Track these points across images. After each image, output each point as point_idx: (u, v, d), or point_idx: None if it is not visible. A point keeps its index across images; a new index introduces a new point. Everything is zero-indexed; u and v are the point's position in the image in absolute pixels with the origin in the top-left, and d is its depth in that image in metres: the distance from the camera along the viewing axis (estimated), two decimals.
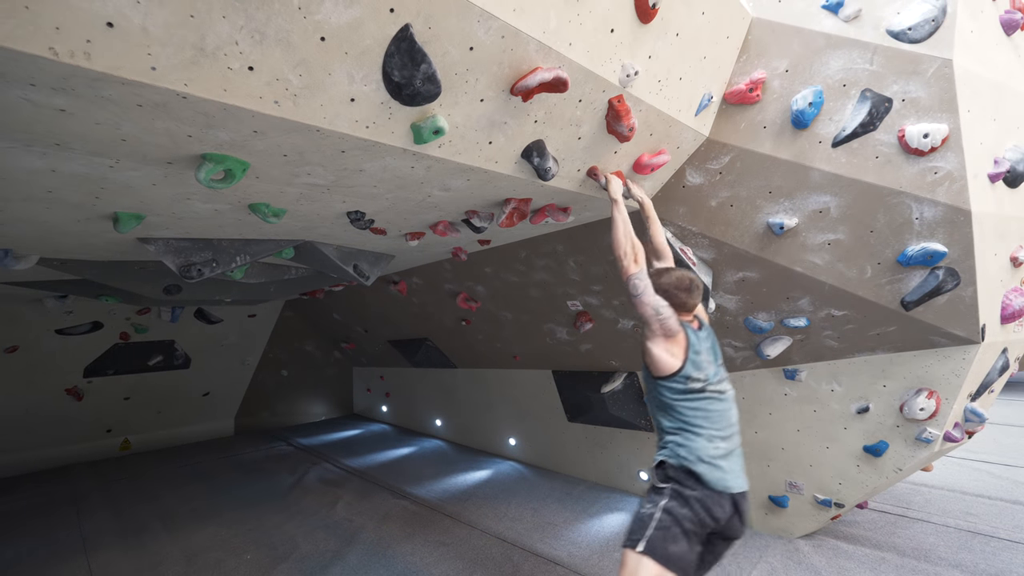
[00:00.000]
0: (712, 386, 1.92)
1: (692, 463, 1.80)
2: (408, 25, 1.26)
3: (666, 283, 2.03)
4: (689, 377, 1.88)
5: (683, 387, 1.88)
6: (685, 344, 1.92)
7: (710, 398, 1.89)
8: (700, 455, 1.80)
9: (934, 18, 2.20)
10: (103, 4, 0.94)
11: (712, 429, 1.85)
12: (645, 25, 1.79)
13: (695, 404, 1.87)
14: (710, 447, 1.82)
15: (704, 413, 1.86)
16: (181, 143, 1.40)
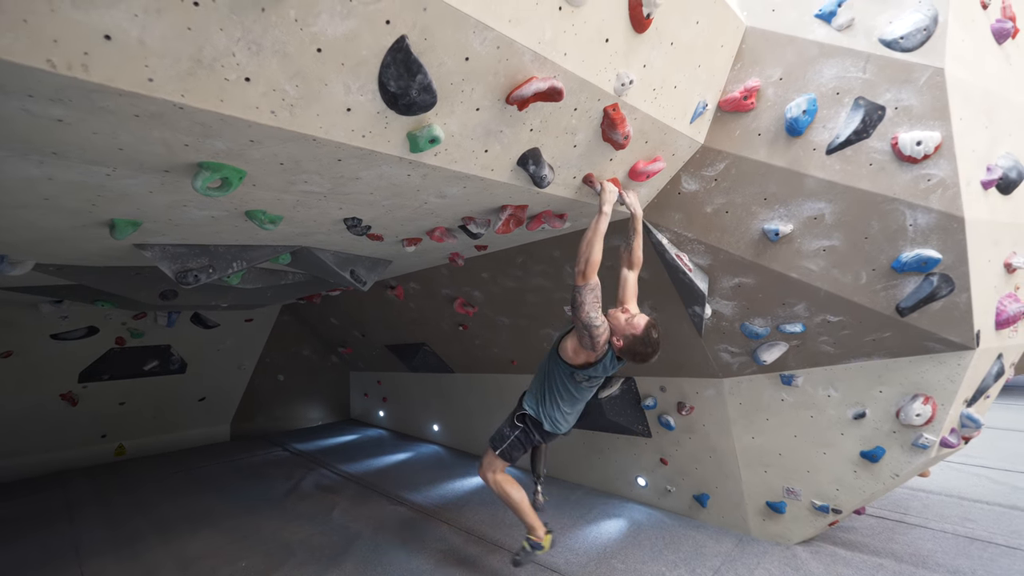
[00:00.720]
0: (584, 384, 2.57)
1: (544, 421, 2.68)
2: (404, 36, 1.27)
3: (637, 348, 2.34)
4: (576, 373, 2.51)
5: (568, 375, 2.54)
6: (593, 362, 2.44)
7: (580, 390, 2.60)
8: (552, 418, 2.67)
9: (926, 27, 2.22)
10: (101, 17, 0.94)
11: (566, 407, 2.66)
12: (640, 35, 1.81)
13: (569, 388, 2.58)
14: (559, 416, 2.68)
15: (569, 396, 2.62)
16: (178, 152, 1.41)
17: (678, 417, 3.82)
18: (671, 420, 3.85)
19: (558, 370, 2.56)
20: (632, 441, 4.25)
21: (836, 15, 2.31)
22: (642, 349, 2.32)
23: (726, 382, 3.46)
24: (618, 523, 3.91)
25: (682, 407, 3.75)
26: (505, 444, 2.78)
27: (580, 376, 2.51)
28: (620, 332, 2.35)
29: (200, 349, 6.65)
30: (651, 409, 3.96)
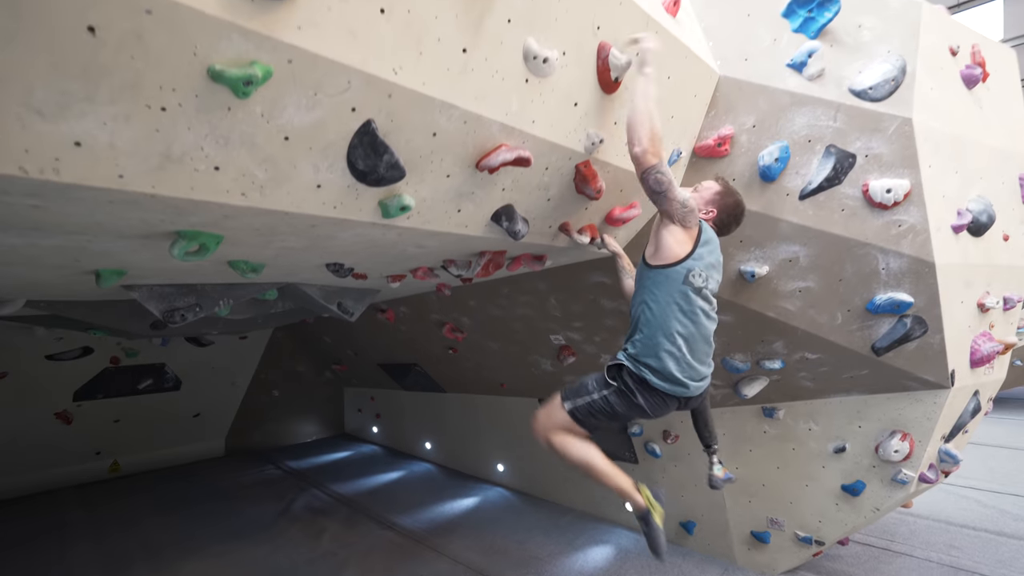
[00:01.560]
0: (704, 296, 1.93)
1: (650, 377, 1.89)
2: (370, 120, 1.32)
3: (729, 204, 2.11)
4: (691, 271, 1.88)
5: (681, 280, 1.88)
6: (695, 240, 1.93)
7: (699, 309, 1.91)
8: (664, 372, 1.88)
9: (894, 78, 2.28)
10: (71, 127, 0.99)
11: (681, 343, 1.88)
12: (609, 95, 1.86)
13: (680, 303, 1.88)
14: (670, 363, 1.88)
15: (684, 320, 1.88)
16: (155, 225, 1.45)
17: (664, 445, 3.85)
18: (657, 448, 3.87)
19: (660, 287, 1.90)
20: (620, 467, 4.27)
21: (807, 65, 2.36)
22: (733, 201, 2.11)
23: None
24: (605, 550, 3.93)
25: (667, 435, 3.78)
26: (583, 401, 1.99)
27: (694, 277, 1.89)
28: (704, 202, 2.10)
29: (194, 366, 6.69)
30: (637, 436, 3.99)
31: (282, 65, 1.10)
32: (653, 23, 1.89)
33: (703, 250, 1.93)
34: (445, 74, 1.37)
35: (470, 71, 1.42)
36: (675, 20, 2.13)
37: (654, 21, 1.89)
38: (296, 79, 1.14)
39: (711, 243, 2.00)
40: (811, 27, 2.39)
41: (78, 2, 0.86)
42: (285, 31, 1.06)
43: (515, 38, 1.48)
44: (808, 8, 2.40)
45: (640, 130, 1.75)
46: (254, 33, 1.02)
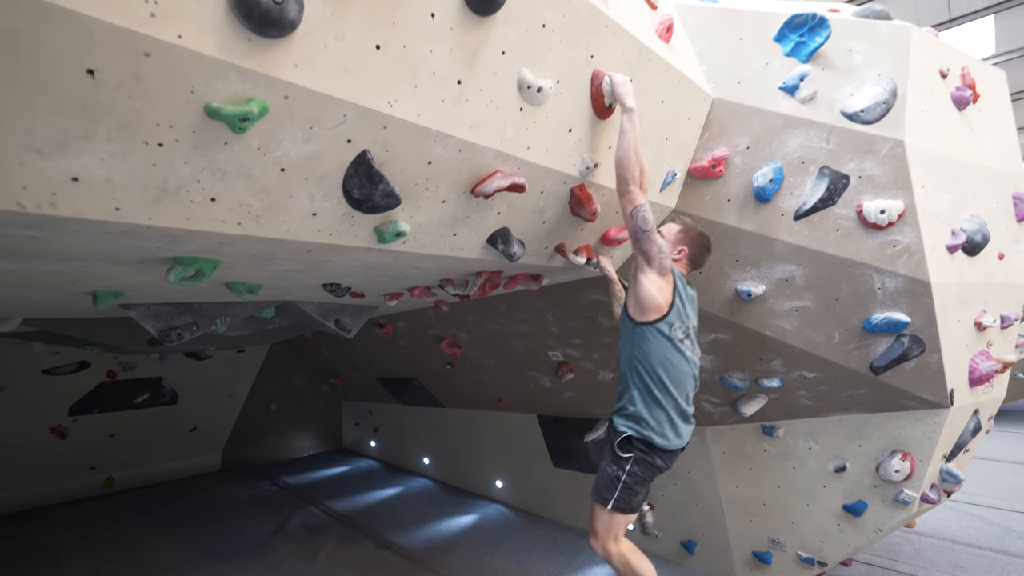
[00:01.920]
0: (685, 341, 2.07)
1: (654, 437, 2.01)
2: (366, 151, 1.34)
3: (693, 236, 2.23)
4: (673, 325, 2.01)
5: (666, 334, 2.01)
6: (672, 288, 2.04)
7: (685, 354, 2.06)
8: (663, 430, 2.02)
9: (885, 101, 2.30)
10: (68, 164, 1.01)
11: (674, 390, 2.02)
12: (603, 121, 1.88)
13: (668, 356, 2.00)
14: (672, 408, 2.02)
15: (673, 370, 2.00)
16: (151, 252, 1.47)
17: None
18: None
19: (649, 343, 1.99)
20: None
21: (799, 88, 2.39)
22: (696, 232, 2.25)
23: (708, 431, 3.48)
24: (605, 570, 3.88)
25: None
26: (619, 490, 2.01)
27: (676, 329, 2.01)
28: (672, 244, 2.19)
29: (192, 380, 6.67)
30: None
31: (278, 101, 1.12)
32: (646, 50, 1.92)
33: (681, 303, 2.06)
34: (440, 105, 1.39)
35: (465, 101, 1.44)
36: (668, 46, 2.16)
37: (647, 48, 1.92)
38: (292, 114, 1.16)
39: (685, 289, 2.15)
40: (802, 51, 2.43)
41: (78, 46, 0.88)
42: (281, 69, 1.08)
43: (509, 69, 1.51)
44: (799, 33, 2.44)
45: (628, 169, 1.81)
46: (251, 72, 1.04)
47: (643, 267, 2.00)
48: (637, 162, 1.82)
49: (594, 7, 1.66)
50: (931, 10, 11.05)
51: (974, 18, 10.99)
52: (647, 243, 1.92)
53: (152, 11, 0.91)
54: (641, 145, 1.83)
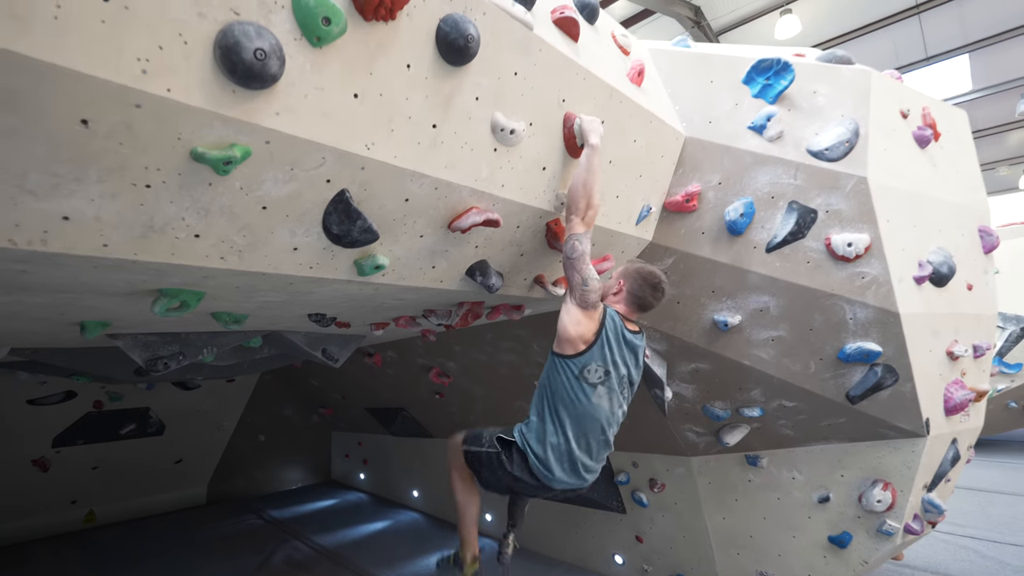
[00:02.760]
0: (600, 387, 1.95)
1: (536, 465, 1.96)
2: (344, 190, 1.42)
3: (637, 270, 2.12)
4: (587, 367, 1.92)
5: (575, 374, 1.92)
6: (597, 325, 1.93)
7: (588, 397, 1.93)
8: (547, 465, 1.95)
9: (848, 140, 2.43)
10: (60, 204, 1.08)
11: (571, 433, 1.94)
12: (577, 159, 1.98)
13: (574, 395, 1.92)
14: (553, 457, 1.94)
15: (574, 411, 1.92)
16: (137, 285, 1.52)
17: (651, 494, 3.80)
18: (644, 497, 3.83)
19: (557, 375, 1.97)
20: (608, 517, 4.20)
21: (767, 128, 2.52)
22: (635, 268, 2.11)
23: (694, 461, 3.48)
24: None
25: (654, 484, 3.74)
26: (475, 448, 2.18)
27: (590, 367, 1.92)
28: (614, 279, 2.15)
29: (179, 410, 6.59)
30: (624, 485, 3.95)
31: (260, 146, 1.20)
32: (617, 94, 2.04)
33: (605, 345, 1.95)
34: (416, 147, 1.48)
35: (440, 143, 1.53)
36: (640, 89, 2.29)
37: (617, 92, 2.04)
38: (273, 157, 1.24)
39: (620, 333, 2.01)
40: (769, 93, 2.57)
41: (73, 99, 0.96)
42: (264, 117, 1.17)
43: (483, 113, 1.61)
44: (766, 76, 2.59)
45: (576, 200, 1.86)
46: (234, 120, 1.13)
47: (566, 296, 2.00)
48: (585, 195, 1.85)
49: (564, 56, 1.78)
50: (908, 49, 11.44)
51: (949, 57, 11.37)
52: (570, 270, 1.91)
53: (144, 68, 1.00)
54: (597, 182, 1.86)
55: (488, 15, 1.51)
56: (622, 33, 2.38)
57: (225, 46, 1.06)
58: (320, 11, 1.17)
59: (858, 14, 9.95)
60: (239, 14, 1.08)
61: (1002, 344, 7.39)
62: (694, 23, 10.06)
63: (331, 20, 1.18)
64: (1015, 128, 13.37)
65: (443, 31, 1.41)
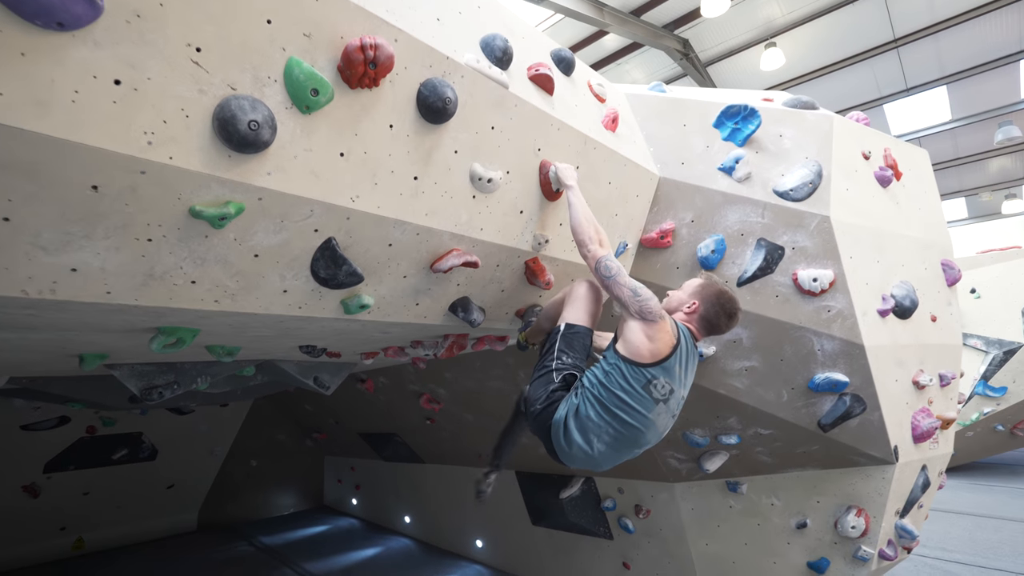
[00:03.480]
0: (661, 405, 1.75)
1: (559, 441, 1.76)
2: (331, 238, 1.54)
3: (716, 294, 1.95)
4: (655, 380, 1.73)
5: (642, 384, 1.72)
6: (673, 342, 1.77)
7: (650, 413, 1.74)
8: (570, 456, 1.77)
9: (811, 181, 2.58)
10: (69, 258, 1.19)
11: (611, 442, 1.74)
12: (553, 202, 2.12)
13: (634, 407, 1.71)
14: (593, 433, 1.73)
15: (632, 422, 1.72)
16: (136, 324, 1.63)
17: (636, 520, 3.85)
18: (630, 523, 3.87)
19: (622, 379, 1.74)
20: (595, 543, 4.23)
21: (736, 169, 2.67)
22: (716, 290, 1.96)
23: (677, 487, 3.54)
24: None
25: (639, 510, 3.79)
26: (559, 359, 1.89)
27: (656, 389, 1.74)
28: (688, 294, 1.99)
29: (172, 435, 6.59)
30: (611, 511, 3.99)
31: (253, 202, 1.33)
32: (591, 141, 2.19)
33: (678, 363, 1.80)
34: (398, 198, 1.61)
35: (421, 193, 1.66)
36: (614, 134, 2.44)
37: (591, 139, 2.19)
38: (265, 211, 1.37)
39: (690, 353, 1.88)
40: (738, 136, 2.73)
41: (86, 168, 1.09)
42: (256, 177, 1.29)
43: (462, 164, 1.74)
44: (735, 120, 2.75)
45: (583, 233, 1.92)
46: (230, 181, 1.26)
47: (624, 316, 1.85)
48: (588, 226, 1.89)
49: (539, 110, 1.93)
50: (889, 80, 11.82)
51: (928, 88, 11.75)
52: (616, 288, 1.81)
53: (149, 139, 1.12)
54: (590, 213, 1.93)
55: (466, 77, 1.66)
56: (598, 82, 2.55)
57: (222, 119, 1.19)
58: (309, 83, 1.30)
59: (839, 47, 10.35)
60: (235, 89, 1.22)
61: (986, 368, 7.51)
62: (683, 55, 10.43)
63: (319, 91, 1.32)
64: (995, 155, 13.75)
65: (423, 95, 1.56)
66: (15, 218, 1.08)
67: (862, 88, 11.47)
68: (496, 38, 1.81)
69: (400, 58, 1.47)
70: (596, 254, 1.88)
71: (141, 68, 1.08)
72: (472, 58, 1.69)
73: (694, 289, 2.03)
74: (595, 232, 1.94)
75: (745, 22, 9.75)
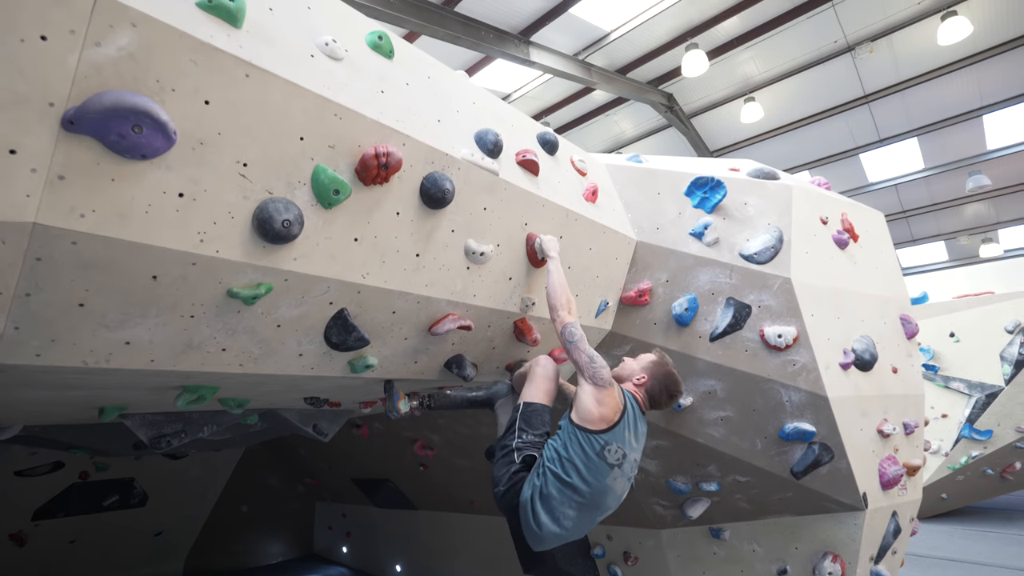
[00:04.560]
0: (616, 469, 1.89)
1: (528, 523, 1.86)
2: (343, 309, 1.77)
3: (665, 374, 2.18)
4: (608, 445, 1.87)
5: (596, 450, 1.86)
6: (620, 408, 1.95)
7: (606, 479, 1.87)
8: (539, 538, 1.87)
9: (773, 246, 2.86)
10: (125, 333, 1.41)
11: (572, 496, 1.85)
12: (539, 269, 2.37)
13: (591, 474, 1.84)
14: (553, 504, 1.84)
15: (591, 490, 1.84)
16: (165, 383, 1.83)
17: (625, 567, 3.93)
18: (619, 571, 3.95)
19: (582, 451, 1.88)
20: None
21: (705, 234, 2.96)
22: (665, 371, 2.19)
23: (663, 533, 3.65)
24: None
25: (628, 557, 3.88)
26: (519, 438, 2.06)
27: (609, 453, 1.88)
28: (639, 367, 2.19)
29: (164, 480, 6.57)
30: (600, 558, 4.07)
31: (280, 283, 1.57)
32: (572, 214, 2.47)
33: (627, 428, 1.97)
34: (402, 272, 1.85)
35: (422, 268, 1.91)
36: (595, 205, 2.73)
37: (573, 212, 2.47)
38: (289, 289, 1.60)
39: (636, 419, 2.05)
40: (707, 204, 3.03)
41: (149, 263, 1.33)
42: (285, 263, 1.54)
43: (458, 241, 2.00)
44: (703, 190, 3.06)
45: (556, 300, 2.18)
46: (263, 267, 1.50)
47: (579, 378, 2.06)
48: (561, 294, 2.15)
49: (526, 191, 2.21)
50: (862, 132, 12.48)
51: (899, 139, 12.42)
52: (576, 353, 2.03)
53: (201, 238, 1.37)
54: (566, 283, 2.18)
55: (462, 169, 1.94)
56: (580, 158, 2.86)
57: (261, 218, 1.44)
58: (332, 185, 1.57)
59: (814, 102, 11.06)
60: (272, 193, 1.47)
61: (970, 411, 7.69)
62: (667, 108, 11.09)
63: (340, 191, 1.58)
64: (970, 202, 14.37)
65: (425, 186, 1.83)
66: (88, 304, 1.31)
67: (838, 139, 12.15)
68: (488, 132, 2.10)
69: (407, 158, 1.75)
70: (564, 320, 2.13)
71: (200, 182, 1.34)
72: (467, 152, 1.98)
73: (646, 364, 2.27)
74: (567, 301, 2.19)
75: (725, 79, 10.44)
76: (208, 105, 1.31)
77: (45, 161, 1.14)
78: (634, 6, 7.97)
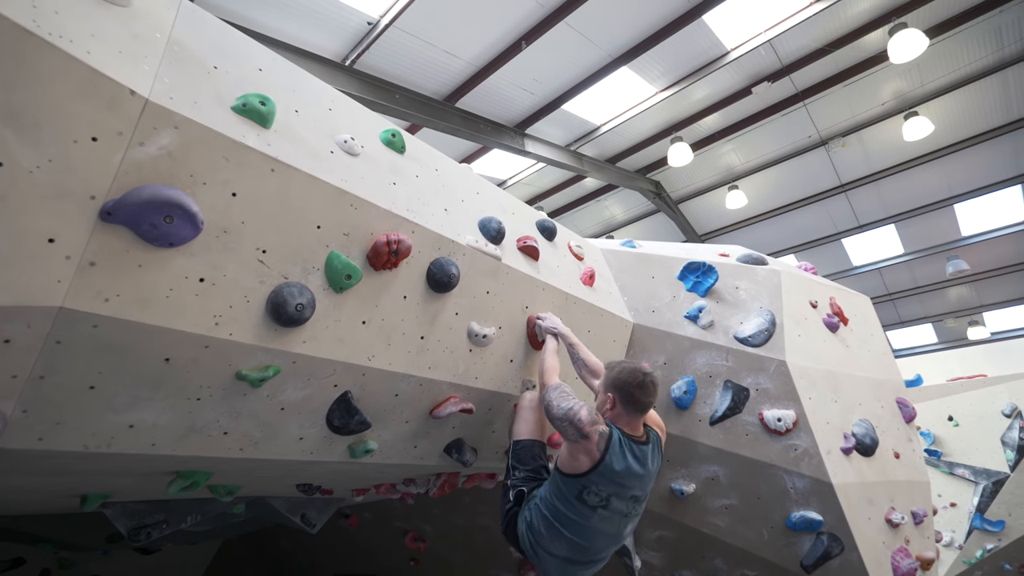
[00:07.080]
0: (611, 508, 1.87)
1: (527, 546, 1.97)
2: (347, 391, 1.78)
3: (617, 376, 2.00)
4: (586, 489, 1.83)
5: (575, 494, 1.85)
6: (597, 453, 1.82)
7: (598, 519, 1.87)
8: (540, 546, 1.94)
9: (766, 329, 2.94)
10: (130, 416, 1.41)
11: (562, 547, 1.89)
12: (538, 351, 2.41)
13: (571, 515, 1.85)
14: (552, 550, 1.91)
15: (573, 527, 1.85)
16: (160, 468, 1.79)
17: None
18: None
19: (561, 494, 1.89)
20: None
21: (700, 317, 3.04)
22: (626, 378, 1.97)
23: None
24: None
25: None
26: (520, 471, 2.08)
27: (589, 491, 1.84)
28: (604, 391, 2.03)
29: None
30: None
31: (288, 365, 1.59)
32: (571, 297, 2.56)
33: (607, 474, 1.86)
34: (407, 355, 1.89)
35: (426, 350, 1.95)
36: (592, 289, 2.83)
37: (572, 296, 2.56)
38: (297, 372, 1.63)
39: (626, 460, 1.89)
40: (700, 288, 3.15)
41: (164, 345, 1.36)
42: (294, 345, 1.57)
43: (461, 324, 2.06)
44: (696, 275, 3.19)
45: (546, 377, 2.12)
46: (273, 350, 1.53)
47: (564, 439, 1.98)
48: (554, 372, 2.13)
49: (526, 275, 2.31)
50: (842, 219, 13.08)
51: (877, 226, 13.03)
52: (549, 413, 1.97)
53: (216, 321, 1.42)
54: (558, 359, 2.23)
55: (467, 255, 2.05)
56: (577, 244, 3.01)
57: (275, 303, 1.50)
58: (344, 270, 1.65)
59: (794, 190, 11.73)
60: (287, 278, 1.55)
61: (979, 499, 7.40)
62: (655, 194, 11.71)
63: (351, 276, 1.66)
64: (952, 285, 14.79)
65: (432, 271, 1.92)
66: (99, 386, 1.32)
67: (820, 224, 12.74)
68: (492, 220, 2.24)
69: (415, 244, 1.85)
70: (549, 383, 2.07)
71: (220, 268, 1.41)
72: (472, 238, 2.09)
73: (603, 380, 2.11)
74: (544, 372, 2.17)
75: (709, 168, 11.14)
76: (235, 197, 1.42)
77: (80, 249, 1.21)
78: (621, 104, 8.69)
